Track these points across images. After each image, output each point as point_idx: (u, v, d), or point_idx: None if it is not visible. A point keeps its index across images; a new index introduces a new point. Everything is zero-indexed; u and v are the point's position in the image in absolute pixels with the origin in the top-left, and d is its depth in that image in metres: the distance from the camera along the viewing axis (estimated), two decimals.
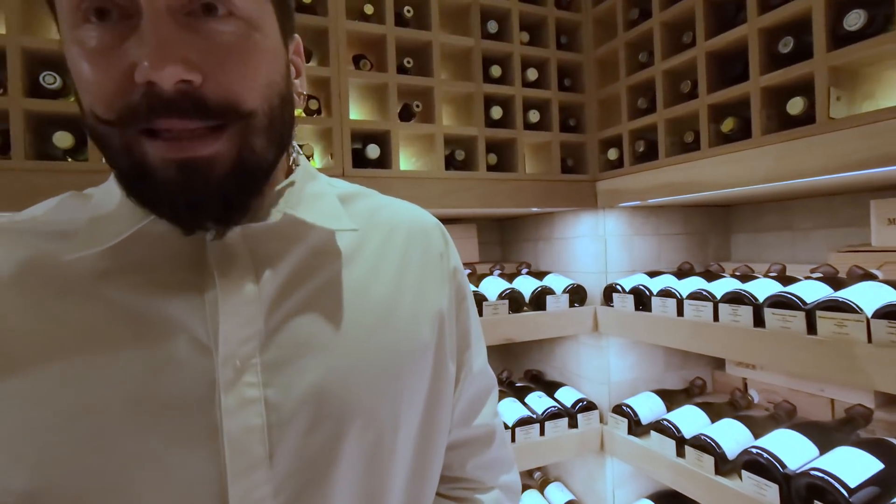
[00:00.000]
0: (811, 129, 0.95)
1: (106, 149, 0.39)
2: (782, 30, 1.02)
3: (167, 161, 0.37)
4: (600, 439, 1.51)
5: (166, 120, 0.36)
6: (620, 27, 1.40)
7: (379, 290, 0.50)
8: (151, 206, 0.40)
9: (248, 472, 0.40)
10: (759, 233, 1.63)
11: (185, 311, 0.41)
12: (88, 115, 0.39)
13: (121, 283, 0.42)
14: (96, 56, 0.37)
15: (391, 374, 0.47)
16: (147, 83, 0.35)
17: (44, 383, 0.38)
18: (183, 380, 0.40)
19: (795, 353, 0.97)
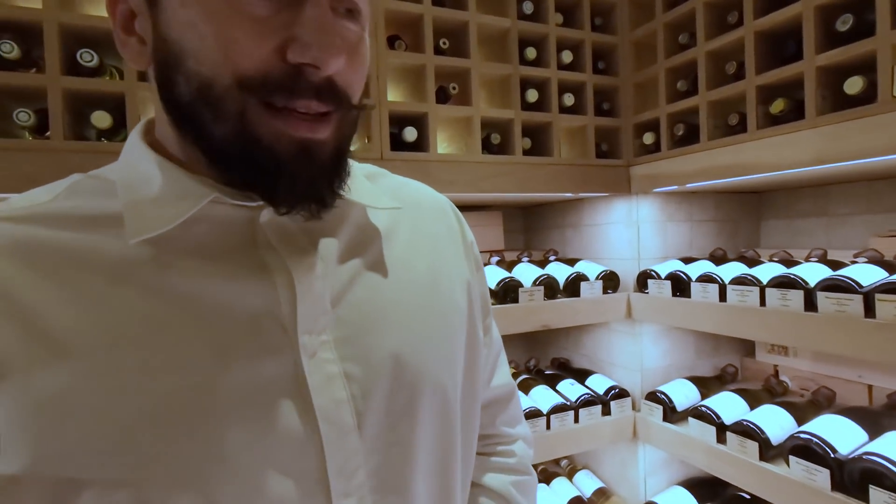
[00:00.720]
0: (872, 109, 0.93)
1: (214, 113, 0.38)
2: (840, 7, 1.00)
3: (287, 138, 0.38)
4: (633, 426, 1.50)
5: (307, 102, 0.38)
6: (659, 8, 1.37)
7: (420, 263, 0.52)
8: (260, 178, 0.39)
9: (342, 442, 0.42)
10: (792, 219, 1.62)
11: (257, 293, 0.41)
12: (206, 75, 0.37)
13: (181, 270, 0.41)
14: (247, 21, 0.36)
15: (445, 340, 0.51)
16: (301, 65, 0.37)
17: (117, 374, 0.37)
18: (269, 362, 0.41)
19: (854, 337, 0.96)
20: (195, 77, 0.37)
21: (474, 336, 0.56)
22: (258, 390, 0.40)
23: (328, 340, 0.43)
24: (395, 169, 0.64)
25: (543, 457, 1.39)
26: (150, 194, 0.41)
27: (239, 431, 0.39)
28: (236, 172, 0.40)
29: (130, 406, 0.37)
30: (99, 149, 0.96)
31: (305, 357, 0.41)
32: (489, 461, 0.64)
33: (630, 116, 1.48)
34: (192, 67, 0.37)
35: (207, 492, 0.38)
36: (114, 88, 0.98)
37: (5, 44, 0.90)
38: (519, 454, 0.66)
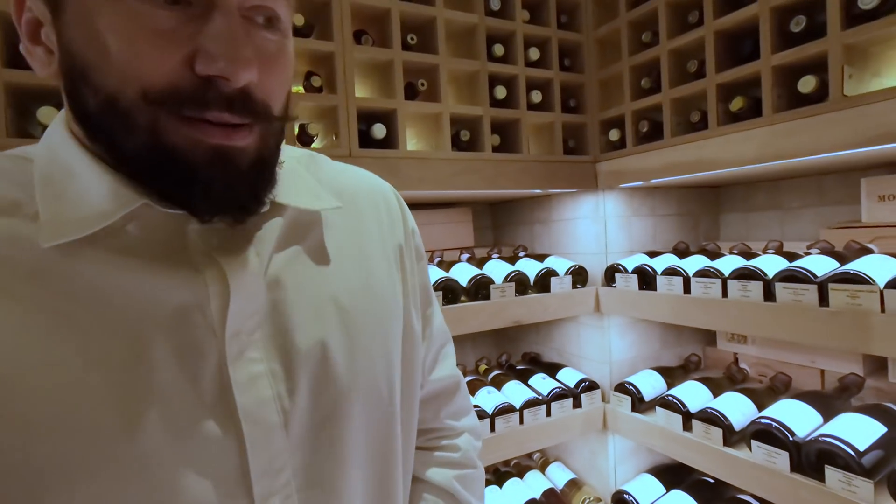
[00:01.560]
0: (825, 107, 0.97)
1: (121, 126, 0.37)
2: (794, 9, 1.04)
3: (202, 145, 0.37)
4: (603, 418, 1.53)
5: (219, 114, 0.37)
6: (623, 7, 1.39)
7: (353, 259, 0.52)
8: (175, 188, 0.38)
9: (266, 442, 0.41)
10: (748, 212, 1.68)
11: (184, 290, 0.40)
12: (111, 88, 0.36)
13: (102, 267, 0.39)
14: (150, 35, 0.35)
15: (378, 335, 0.50)
16: (210, 77, 0.36)
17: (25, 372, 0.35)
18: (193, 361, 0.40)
19: (810, 325, 1.00)
20: (101, 90, 0.36)
21: (410, 329, 0.56)
22: (178, 390, 0.39)
23: (257, 338, 0.42)
24: (364, 166, 0.62)
25: (517, 451, 1.40)
26: (71, 191, 0.39)
27: (156, 436, 0.38)
28: (151, 184, 0.39)
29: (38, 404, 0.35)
30: None
31: (231, 356, 0.41)
32: (433, 455, 0.64)
33: (596, 113, 1.51)
34: (97, 80, 0.36)
35: (120, 492, 0.37)
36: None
37: None
38: (463, 447, 0.65)
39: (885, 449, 0.99)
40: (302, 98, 1.14)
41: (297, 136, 1.15)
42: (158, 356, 0.39)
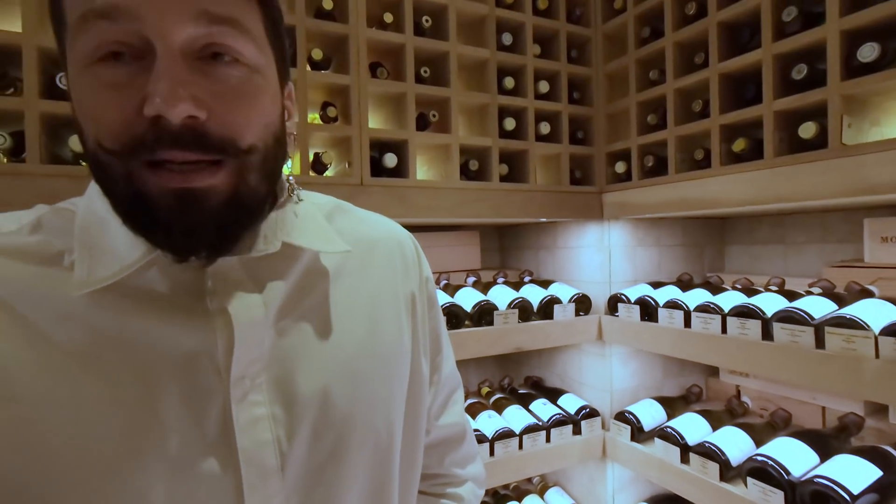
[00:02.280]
0: (825, 154, 1.00)
1: (106, 178, 0.40)
2: (796, 57, 1.07)
3: (166, 190, 0.39)
4: (602, 446, 1.54)
5: (170, 151, 0.38)
6: (632, 44, 1.43)
7: (363, 304, 0.53)
8: (147, 232, 0.41)
9: (262, 483, 0.43)
10: (753, 245, 1.70)
11: (194, 336, 0.43)
12: (92, 145, 0.39)
13: (125, 311, 0.42)
14: (109, 91, 0.38)
15: (381, 381, 0.52)
16: (155, 117, 0.37)
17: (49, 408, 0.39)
18: (199, 404, 0.42)
19: (805, 367, 1.02)
20: (86, 145, 0.40)
21: (418, 375, 0.57)
22: (183, 430, 0.41)
23: (261, 383, 0.44)
24: (375, 194, 0.66)
25: (515, 476, 1.42)
26: (102, 241, 0.43)
27: (158, 470, 0.40)
28: (133, 226, 0.41)
29: (55, 439, 0.38)
30: (75, 172, 0.95)
31: (235, 399, 0.43)
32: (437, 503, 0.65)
33: (603, 145, 1.54)
34: (84, 137, 0.40)
35: None
36: None
37: None
38: (467, 498, 0.66)
39: (879, 493, 1.00)
40: (318, 128, 1.19)
41: (312, 164, 1.20)
42: (167, 397, 0.41)
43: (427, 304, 0.62)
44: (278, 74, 0.46)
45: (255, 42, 0.42)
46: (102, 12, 0.37)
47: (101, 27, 0.37)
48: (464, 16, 1.37)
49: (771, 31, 1.09)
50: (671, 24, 1.31)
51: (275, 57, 0.45)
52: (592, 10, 1.54)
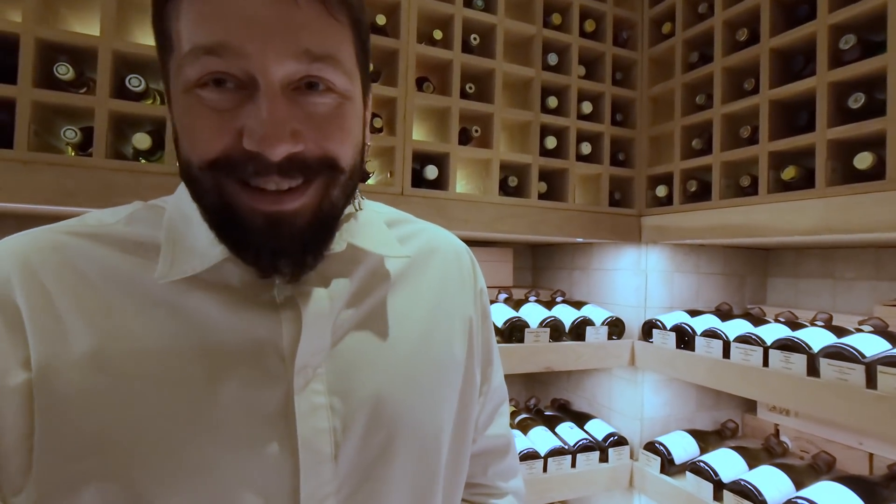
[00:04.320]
0: (881, 185, 0.96)
1: (198, 190, 0.44)
2: (853, 85, 1.04)
3: (257, 212, 0.42)
4: (630, 476, 1.49)
5: (271, 178, 0.41)
6: (679, 68, 1.42)
7: (420, 312, 0.56)
8: (236, 248, 0.44)
9: (316, 469, 0.45)
10: (798, 278, 1.64)
11: (262, 325, 0.46)
12: (188, 159, 0.43)
13: (202, 300, 0.46)
14: (210, 114, 0.41)
15: (431, 386, 0.54)
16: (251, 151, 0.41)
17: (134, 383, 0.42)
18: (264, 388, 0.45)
19: (854, 407, 0.97)
20: (184, 158, 0.44)
21: (470, 384, 0.59)
22: (248, 412, 0.44)
23: (322, 374, 0.47)
24: (414, 204, 0.67)
25: (538, 500, 1.39)
26: (186, 236, 0.47)
27: (223, 447, 0.43)
28: (222, 239, 0.44)
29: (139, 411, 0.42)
30: (136, 168, 1.01)
31: (297, 387, 0.45)
32: None
33: (644, 168, 1.52)
34: (182, 150, 0.44)
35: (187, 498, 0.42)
36: (156, 112, 1.03)
37: (61, 65, 0.96)
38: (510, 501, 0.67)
39: None
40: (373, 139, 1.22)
41: None
42: (233, 381, 0.44)
43: (481, 316, 0.63)
44: (363, 94, 0.49)
45: (348, 72, 0.44)
46: (211, 49, 0.39)
47: (208, 60, 0.40)
48: (511, 35, 1.39)
49: (827, 58, 1.06)
50: (721, 49, 1.30)
51: (360, 76, 0.48)
52: (640, 34, 1.54)
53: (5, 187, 0.91)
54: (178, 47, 0.41)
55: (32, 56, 0.94)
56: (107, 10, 0.99)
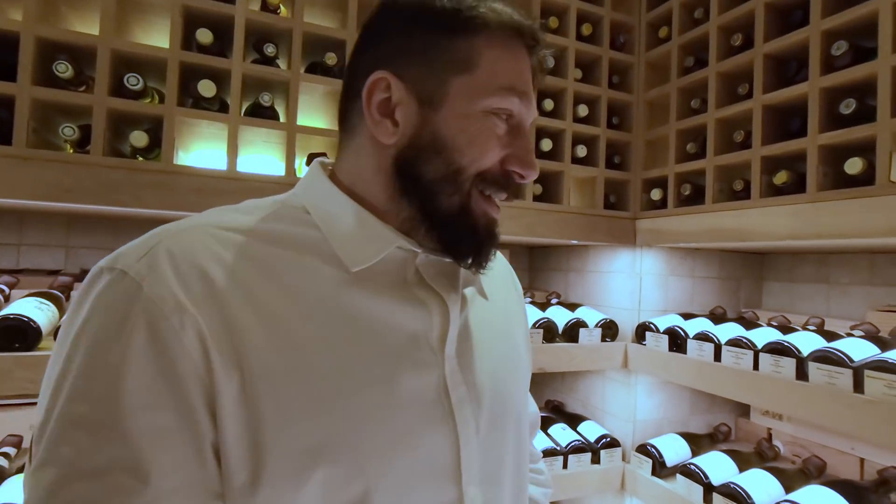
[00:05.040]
0: (871, 191, 0.97)
1: (452, 191, 0.52)
2: (845, 91, 1.05)
3: (487, 216, 0.54)
4: (622, 478, 1.50)
5: (504, 195, 0.54)
6: (674, 73, 1.43)
7: (499, 308, 0.65)
8: (457, 242, 0.53)
9: (468, 445, 0.53)
10: (793, 283, 1.64)
11: (417, 319, 0.53)
12: (458, 165, 0.52)
13: (367, 293, 0.51)
14: (494, 138, 0.52)
15: (516, 370, 0.64)
16: (511, 171, 0.53)
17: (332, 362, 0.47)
18: (424, 374, 0.52)
19: (842, 411, 0.97)
20: (453, 163, 0.51)
21: (527, 364, 0.71)
22: (418, 395, 0.51)
23: (455, 361, 0.54)
24: None
25: None
26: (349, 231, 0.52)
27: (405, 426, 0.49)
28: (443, 233, 0.53)
29: (338, 384, 0.47)
30: (134, 166, 1.02)
31: (448, 372, 0.53)
32: (531, 476, 0.76)
33: (639, 171, 1.53)
34: (452, 156, 0.51)
35: (391, 476, 0.48)
36: (154, 111, 1.05)
37: (61, 64, 0.97)
38: (545, 471, 0.80)
39: None
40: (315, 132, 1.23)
41: None
42: (403, 368, 0.51)
43: (524, 312, 0.75)
44: None
45: None
46: (521, 94, 0.53)
47: (512, 100, 0.52)
48: None
49: (819, 64, 1.07)
50: (716, 54, 1.31)
51: None
52: (637, 38, 1.55)
53: (4, 183, 0.93)
54: (480, 74, 0.51)
55: (32, 54, 0.95)
56: (106, 9, 1.01)
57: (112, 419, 0.40)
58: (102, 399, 0.40)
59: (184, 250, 0.46)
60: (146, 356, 0.41)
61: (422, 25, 0.52)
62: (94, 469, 0.39)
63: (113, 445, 0.40)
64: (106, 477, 0.39)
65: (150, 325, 0.42)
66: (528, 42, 0.54)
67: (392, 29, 0.53)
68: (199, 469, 0.42)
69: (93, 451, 0.40)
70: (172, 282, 0.43)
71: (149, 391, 0.41)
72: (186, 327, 0.43)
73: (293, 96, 1.15)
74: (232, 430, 0.43)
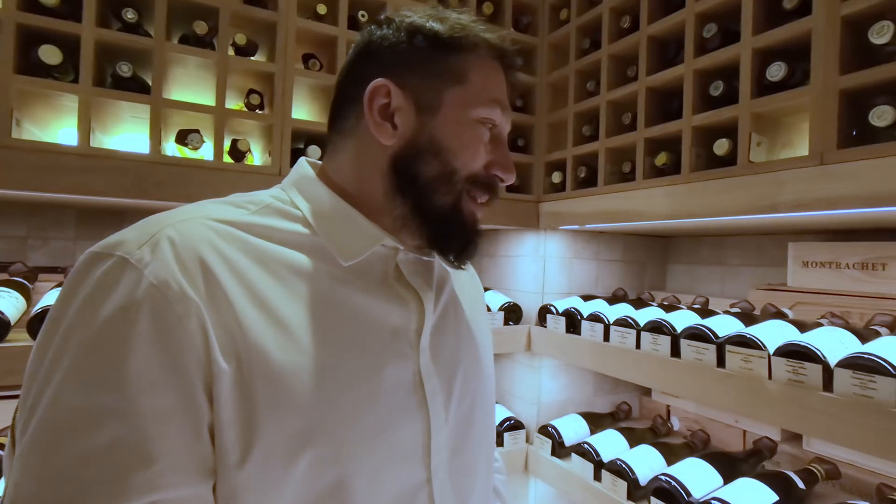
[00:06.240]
0: (733, 171, 0.99)
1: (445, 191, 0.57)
2: (715, 74, 1.07)
3: (473, 214, 0.59)
4: (525, 459, 1.51)
5: (488, 196, 0.60)
6: (573, 55, 1.43)
7: (467, 301, 0.70)
8: (448, 238, 0.58)
9: (439, 431, 0.57)
10: (694, 265, 1.69)
11: (398, 314, 0.57)
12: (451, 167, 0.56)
13: (354, 288, 0.55)
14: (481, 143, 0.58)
15: (485, 364, 0.69)
16: (495, 176, 0.59)
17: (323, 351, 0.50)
18: (403, 366, 0.56)
19: (707, 385, 1.00)
20: (448, 165, 0.56)
21: (492, 357, 0.75)
22: (400, 382, 0.55)
23: (429, 354, 0.58)
24: None
25: None
26: (341, 229, 0.56)
27: (385, 413, 0.53)
28: (435, 230, 0.57)
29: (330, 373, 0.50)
30: None
31: (423, 364, 0.57)
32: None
33: (543, 155, 1.53)
34: (448, 158, 0.56)
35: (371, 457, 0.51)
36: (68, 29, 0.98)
37: None
38: (500, 459, 0.85)
39: None
40: (241, 115, 1.16)
41: (229, 150, 1.17)
42: (386, 360, 0.54)
43: (485, 307, 0.81)
44: None
45: None
46: (504, 106, 0.59)
47: (496, 111, 0.58)
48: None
49: (693, 46, 1.09)
50: (608, 36, 1.31)
51: None
52: (540, 20, 1.54)
53: None
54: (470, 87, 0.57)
55: None
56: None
57: (114, 401, 0.42)
58: (106, 382, 0.42)
59: (185, 240, 0.47)
60: (150, 341, 0.43)
61: (420, 41, 0.57)
62: (98, 448, 0.41)
63: (116, 425, 0.41)
64: (108, 456, 0.41)
65: (154, 311, 0.43)
66: (508, 63, 0.61)
67: (393, 42, 0.57)
68: (197, 447, 0.45)
69: (95, 431, 0.41)
70: (175, 269, 0.45)
71: (153, 375, 0.43)
72: (190, 314, 0.45)
73: (158, 68, 1.07)
74: (227, 413, 0.46)
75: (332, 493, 0.49)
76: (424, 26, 0.57)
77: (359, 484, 0.50)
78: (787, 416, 0.87)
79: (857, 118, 0.83)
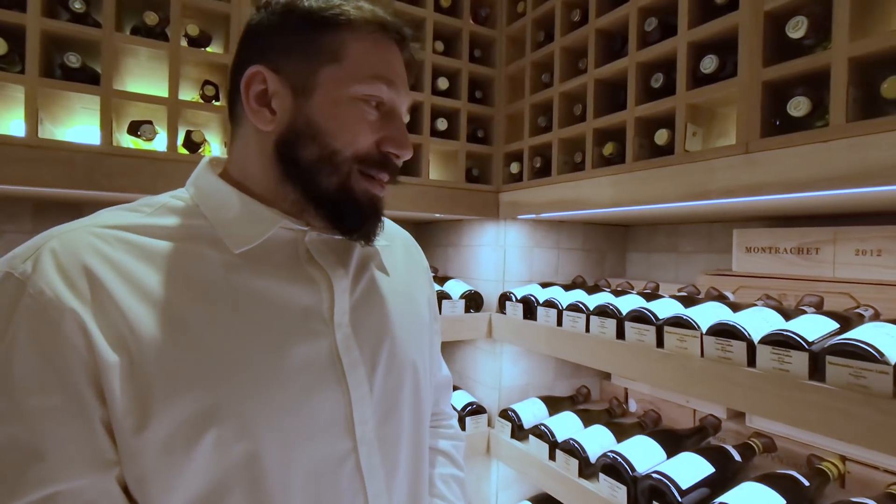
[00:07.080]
0: (671, 160, 1.03)
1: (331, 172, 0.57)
2: (655, 66, 1.11)
3: (370, 194, 0.59)
4: (487, 442, 1.55)
5: (386, 174, 0.60)
6: (529, 47, 1.46)
7: (401, 282, 0.72)
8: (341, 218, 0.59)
9: (361, 402, 0.59)
10: (651, 253, 1.75)
11: (307, 294, 0.59)
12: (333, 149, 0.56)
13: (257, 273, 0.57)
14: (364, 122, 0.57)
15: (417, 336, 0.70)
16: (388, 153, 0.59)
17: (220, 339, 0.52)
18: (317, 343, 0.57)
19: (648, 365, 1.05)
20: (327, 147, 0.56)
21: (431, 332, 0.77)
22: (310, 361, 0.56)
23: (349, 329, 0.60)
24: None
25: None
26: (234, 217, 0.57)
27: (296, 389, 0.54)
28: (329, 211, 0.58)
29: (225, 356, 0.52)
30: None
31: (339, 340, 0.59)
32: (439, 431, 0.85)
33: (502, 145, 1.56)
34: (326, 140, 0.56)
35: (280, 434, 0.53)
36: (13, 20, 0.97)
37: None
38: (456, 427, 0.88)
39: (710, 487, 1.04)
40: (196, 106, 1.17)
41: (184, 142, 1.18)
42: (294, 339, 0.56)
43: (430, 285, 0.82)
44: None
45: None
46: (389, 81, 0.58)
47: (380, 87, 0.57)
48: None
49: (636, 40, 1.12)
50: (560, 29, 1.34)
51: None
52: (499, 12, 1.57)
53: None
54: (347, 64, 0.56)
55: None
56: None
57: (4, 404, 0.46)
58: None
59: (67, 249, 0.50)
60: (30, 347, 0.46)
61: (293, 22, 0.56)
62: None
63: (6, 427, 0.45)
64: (3, 455, 0.45)
65: (30, 318, 0.47)
66: (395, 36, 0.59)
67: (267, 27, 0.57)
68: (90, 441, 0.48)
69: None
70: (54, 278, 0.48)
71: (36, 376, 0.46)
72: (65, 317, 0.47)
73: (107, 59, 1.07)
74: (122, 404, 0.48)
75: (245, 465, 0.51)
76: (298, 6, 0.57)
77: (272, 455, 0.52)
78: (716, 390, 0.92)
79: (779, 108, 0.88)
